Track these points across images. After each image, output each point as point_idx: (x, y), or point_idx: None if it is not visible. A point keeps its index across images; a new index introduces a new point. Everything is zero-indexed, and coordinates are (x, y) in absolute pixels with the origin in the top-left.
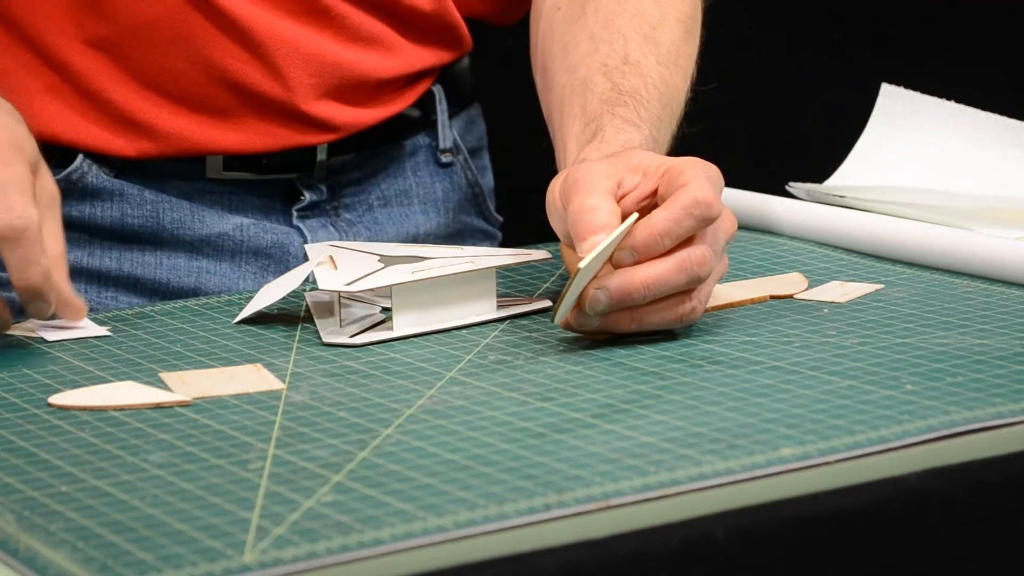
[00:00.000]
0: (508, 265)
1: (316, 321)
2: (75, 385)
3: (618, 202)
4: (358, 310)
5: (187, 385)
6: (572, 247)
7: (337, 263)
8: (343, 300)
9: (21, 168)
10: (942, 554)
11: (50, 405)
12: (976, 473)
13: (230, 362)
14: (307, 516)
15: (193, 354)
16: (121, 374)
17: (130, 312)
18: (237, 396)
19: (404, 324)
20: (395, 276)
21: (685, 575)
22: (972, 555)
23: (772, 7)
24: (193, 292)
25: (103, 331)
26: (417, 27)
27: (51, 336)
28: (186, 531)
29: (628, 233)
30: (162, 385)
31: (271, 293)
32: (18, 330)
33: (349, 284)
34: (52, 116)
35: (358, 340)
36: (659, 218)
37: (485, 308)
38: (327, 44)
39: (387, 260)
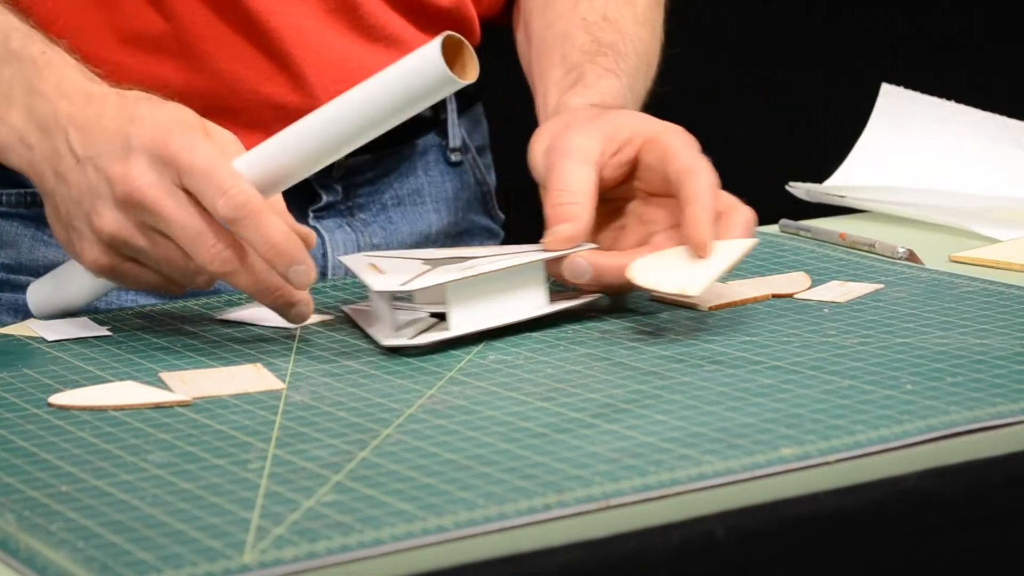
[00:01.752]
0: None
1: (366, 330)
2: (75, 385)
3: (600, 169)
4: (405, 315)
5: (187, 385)
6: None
7: (382, 268)
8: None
9: (206, 145)
10: (942, 554)
11: (50, 405)
12: (976, 473)
13: (230, 362)
14: (307, 516)
15: (193, 354)
16: (121, 374)
17: (130, 312)
18: (237, 396)
19: (461, 322)
20: (448, 274)
21: (685, 575)
22: (972, 555)
23: (772, 7)
24: (213, 292)
25: (103, 331)
26: (437, 24)
27: (51, 336)
28: (186, 531)
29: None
30: (162, 385)
31: (263, 315)
32: (18, 330)
33: (404, 284)
34: None
35: (419, 340)
36: (704, 227)
37: (538, 302)
38: (352, 46)
39: (432, 263)
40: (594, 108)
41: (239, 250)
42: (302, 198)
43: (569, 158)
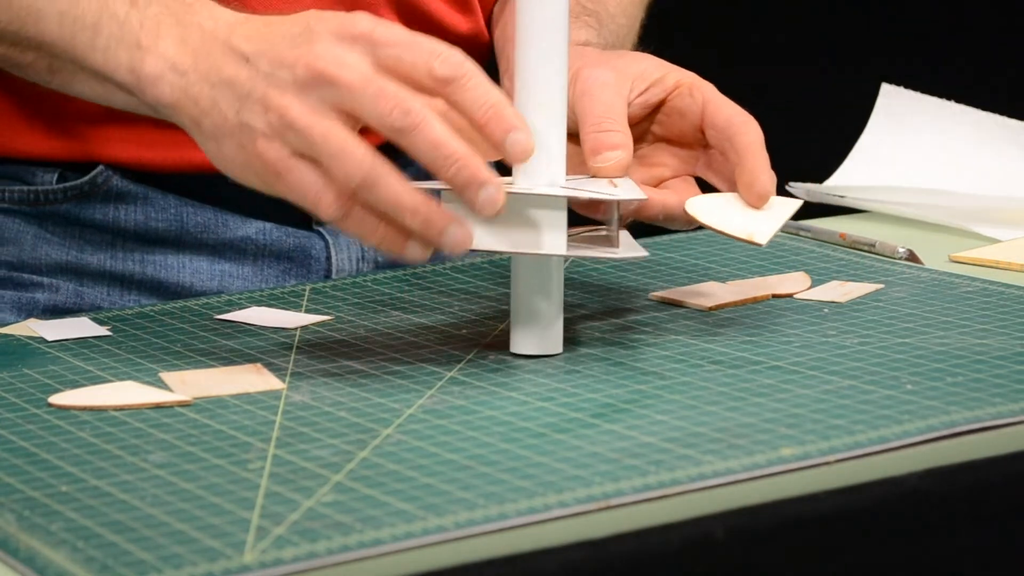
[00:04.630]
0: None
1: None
2: (75, 385)
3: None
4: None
5: (187, 385)
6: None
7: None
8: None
9: (403, 28)
10: (942, 554)
11: (50, 405)
12: (976, 473)
13: (230, 362)
14: (307, 516)
15: (193, 354)
16: (121, 374)
17: (130, 312)
18: (237, 396)
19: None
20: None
21: (685, 575)
22: (972, 555)
23: (772, 7)
24: (213, 292)
25: (103, 331)
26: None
27: (51, 336)
28: (186, 531)
29: (746, 186)
30: (162, 385)
31: (263, 316)
32: (18, 330)
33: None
34: (82, 134)
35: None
36: (756, 168)
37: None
38: None
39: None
40: (596, 49)
41: (423, 102)
42: None
43: (604, 88)
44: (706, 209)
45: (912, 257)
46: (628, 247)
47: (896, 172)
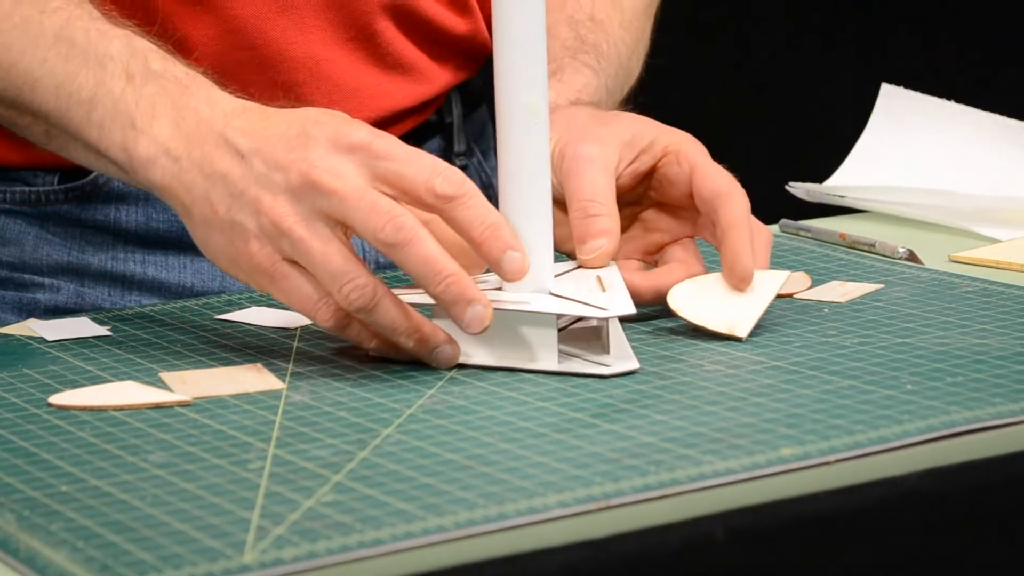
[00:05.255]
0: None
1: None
2: (75, 385)
3: (616, 178)
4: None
5: (187, 385)
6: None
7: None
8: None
9: (400, 142)
10: (942, 554)
11: (50, 405)
12: (976, 473)
13: (230, 362)
14: (307, 516)
15: (193, 354)
16: (121, 374)
17: (130, 312)
18: (237, 396)
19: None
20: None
21: (685, 575)
22: (972, 555)
23: (772, 7)
24: (213, 293)
25: (103, 331)
26: (451, 50)
27: (51, 336)
28: (186, 531)
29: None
30: (162, 385)
31: (263, 316)
32: (18, 330)
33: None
34: None
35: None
36: (739, 250)
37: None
38: (367, 76)
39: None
40: (588, 109)
41: (415, 220)
42: None
43: (590, 165)
44: (688, 300)
45: (912, 257)
46: (620, 357)
47: (896, 172)
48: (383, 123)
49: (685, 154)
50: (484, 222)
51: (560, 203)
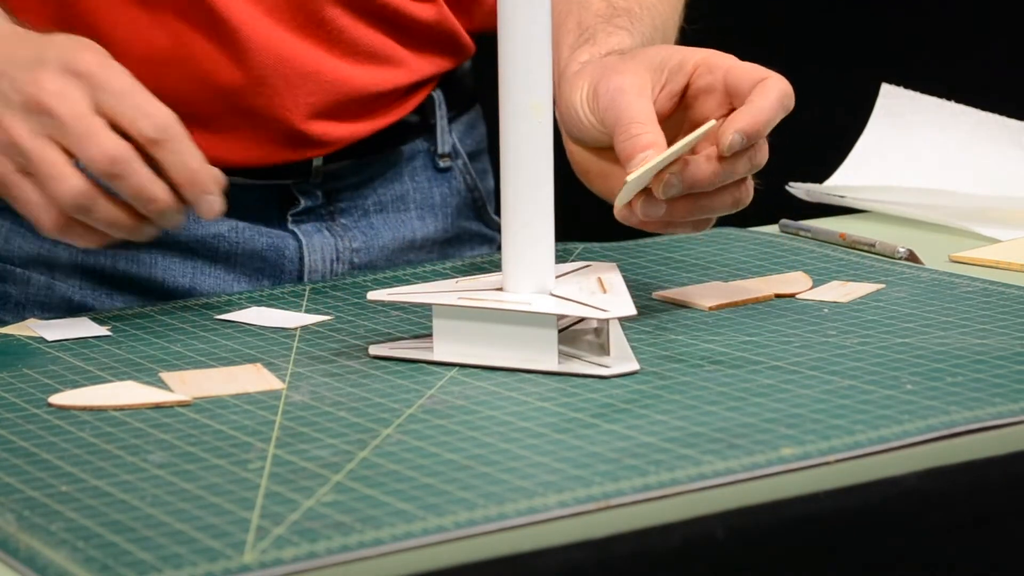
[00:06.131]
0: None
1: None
2: (75, 385)
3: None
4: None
5: (187, 385)
6: (595, 153)
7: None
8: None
9: (122, 69)
10: (942, 554)
11: (50, 405)
12: (976, 473)
13: (230, 362)
14: (307, 516)
15: (193, 354)
16: (121, 374)
17: (130, 312)
18: (237, 396)
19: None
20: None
21: (685, 575)
22: (972, 555)
23: (772, 7)
24: (188, 292)
25: (103, 331)
26: (417, 38)
27: (51, 336)
28: (186, 531)
29: (731, 120)
30: (162, 385)
31: (263, 316)
32: (18, 330)
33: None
34: None
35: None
36: (761, 107)
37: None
38: (326, 60)
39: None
40: (616, 55)
41: (129, 152)
42: (281, 202)
43: (625, 94)
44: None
45: (912, 257)
46: (620, 358)
47: (896, 172)
48: (358, 108)
49: (716, 62)
50: (186, 166)
51: (609, 148)
